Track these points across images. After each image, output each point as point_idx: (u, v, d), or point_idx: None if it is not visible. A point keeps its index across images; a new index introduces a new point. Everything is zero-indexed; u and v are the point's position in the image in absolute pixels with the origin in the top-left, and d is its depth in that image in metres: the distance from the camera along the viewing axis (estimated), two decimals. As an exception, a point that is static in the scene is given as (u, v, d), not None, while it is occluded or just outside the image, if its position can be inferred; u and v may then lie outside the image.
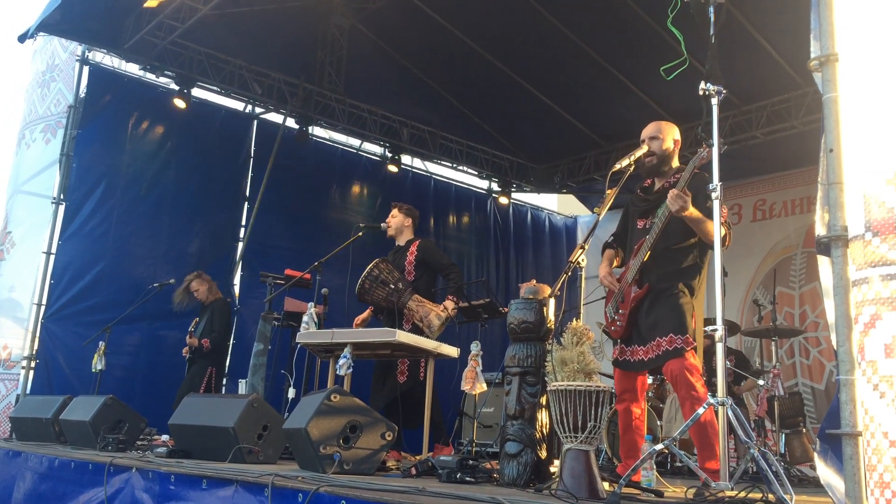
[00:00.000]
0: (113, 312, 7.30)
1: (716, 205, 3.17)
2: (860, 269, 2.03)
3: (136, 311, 7.44)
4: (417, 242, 6.07)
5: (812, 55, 2.24)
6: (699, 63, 3.68)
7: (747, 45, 7.54)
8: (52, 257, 7.70)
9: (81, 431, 5.38)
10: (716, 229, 3.19)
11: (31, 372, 7.43)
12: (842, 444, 2.02)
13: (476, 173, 11.21)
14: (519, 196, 11.84)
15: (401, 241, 6.16)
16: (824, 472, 2.19)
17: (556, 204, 13.37)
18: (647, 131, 4.12)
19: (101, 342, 6.80)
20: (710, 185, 3.18)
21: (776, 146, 8.72)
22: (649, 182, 4.17)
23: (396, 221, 6.15)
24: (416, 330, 5.55)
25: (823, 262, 2.21)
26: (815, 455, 2.23)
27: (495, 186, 11.46)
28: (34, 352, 7.48)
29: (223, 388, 8.26)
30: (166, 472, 3.63)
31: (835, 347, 2.09)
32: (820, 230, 2.19)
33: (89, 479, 4.18)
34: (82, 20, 7.65)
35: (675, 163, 4.15)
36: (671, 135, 4.12)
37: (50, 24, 7.55)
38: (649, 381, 6.91)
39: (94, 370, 6.72)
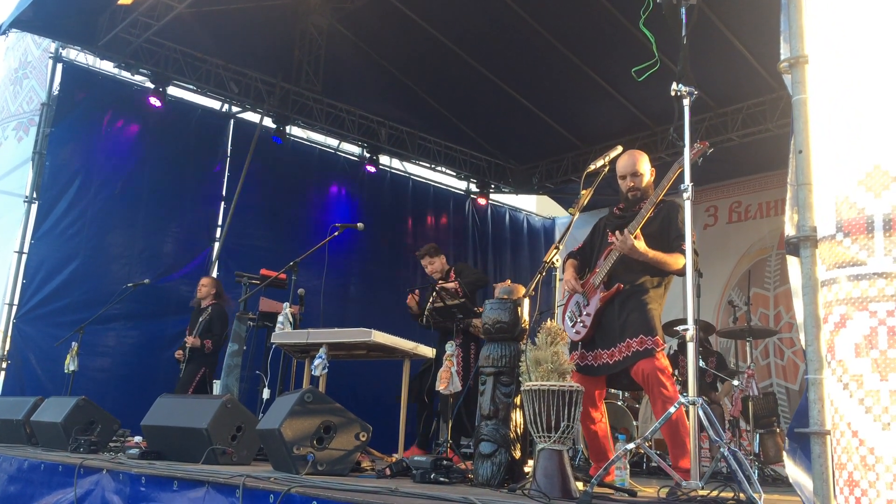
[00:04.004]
0: (86, 313, 7.22)
1: (687, 205, 3.18)
2: (829, 270, 2.05)
3: (110, 312, 7.36)
4: (453, 269, 6.51)
5: (782, 57, 2.25)
6: (674, 65, 3.71)
7: (723, 48, 7.61)
8: (25, 256, 7.60)
9: (53, 433, 5.31)
10: (687, 232, 3.21)
11: (3, 373, 7.34)
12: (810, 442, 2.04)
13: (454, 174, 11.21)
14: (497, 197, 11.86)
15: (440, 275, 6.52)
16: (793, 470, 2.20)
17: (534, 205, 13.40)
18: (626, 167, 4.14)
19: (73, 343, 6.72)
20: (682, 184, 3.19)
21: (752, 149, 8.80)
22: (623, 205, 4.25)
23: (436, 267, 6.55)
24: (482, 343, 5.96)
25: (793, 263, 2.23)
26: (784, 454, 2.24)
27: (473, 187, 11.47)
28: (6, 352, 7.38)
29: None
30: (137, 473, 3.59)
31: (803, 347, 2.10)
32: (789, 230, 2.20)
33: (59, 481, 4.12)
34: (56, 17, 7.57)
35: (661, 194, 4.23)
36: (648, 166, 4.18)
37: (23, 21, 7.46)
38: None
39: (66, 371, 6.64)
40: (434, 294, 5.92)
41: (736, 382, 6.62)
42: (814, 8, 2.21)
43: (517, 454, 3.36)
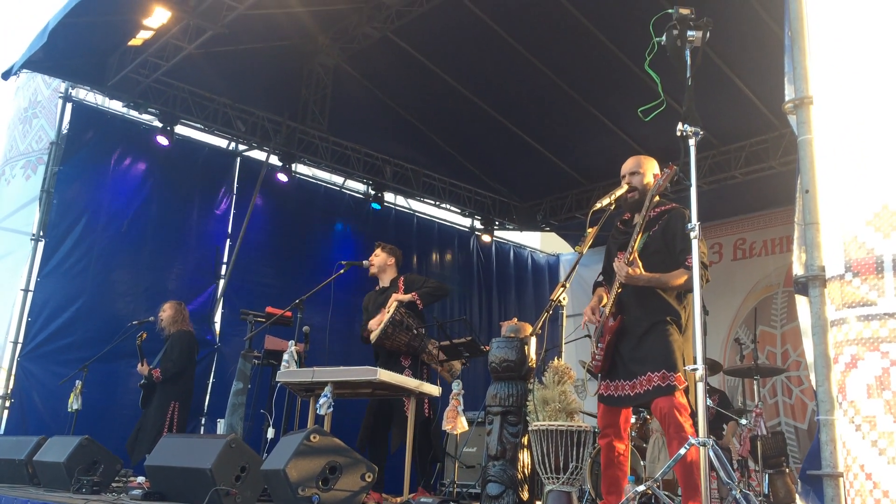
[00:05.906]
0: (91, 350, 7.20)
1: (694, 244, 3.17)
2: (839, 310, 2.04)
3: (115, 350, 7.32)
4: (403, 278, 6.11)
5: (786, 98, 2.27)
6: (677, 104, 3.73)
7: (725, 87, 7.68)
8: (31, 294, 7.60)
9: (55, 473, 5.26)
10: (695, 267, 3.19)
11: (6, 412, 7.29)
12: (823, 484, 2.01)
13: (459, 211, 11.25)
14: (502, 234, 11.88)
15: (385, 281, 6.18)
16: (806, 513, 2.17)
17: (538, 242, 13.41)
18: (627, 166, 4.17)
19: (77, 381, 6.69)
20: (689, 224, 3.18)
21: (755, 186, 8.84)
22: (629, 216, 4.20)
23: (379, 260, 6.19)
24: (433, 373, 5.81)
25: (801, 302, 2.22)
26: (797, 496, 2.21)
27: (478, 224, 11.50)
28: (9, 391, 7.35)
29: (200, 427, 8.11)
30: (141, 514, 3.55)
31: (814, 387, 2.09)
32: (798, 270, 2.20)
33: (61, 523, 4.08)
34: (66, 58, 7.68)
35: (656, 196, 4.17)
36: (651, 169, 4.17)
37: (34, 62, 7.56)
38: (632, 419, 6.87)
39: (70, 410, 6.60)
40: (397, 310, 5.60)
41: (744, 421, 6.55)
42: (818, 49, 2.24)
43: (525, 495, 3.32)
